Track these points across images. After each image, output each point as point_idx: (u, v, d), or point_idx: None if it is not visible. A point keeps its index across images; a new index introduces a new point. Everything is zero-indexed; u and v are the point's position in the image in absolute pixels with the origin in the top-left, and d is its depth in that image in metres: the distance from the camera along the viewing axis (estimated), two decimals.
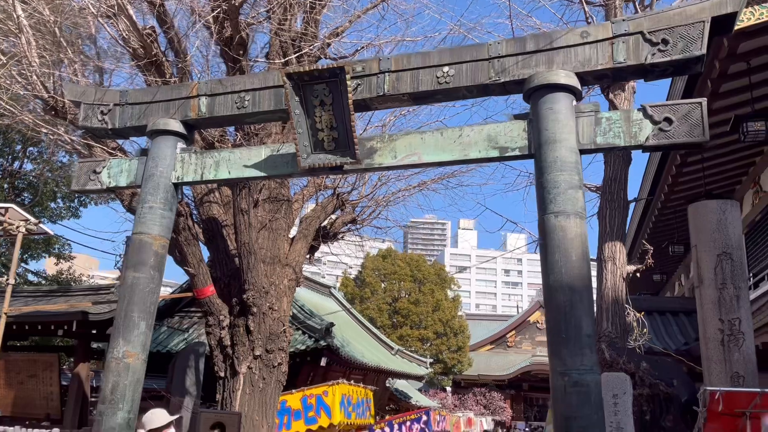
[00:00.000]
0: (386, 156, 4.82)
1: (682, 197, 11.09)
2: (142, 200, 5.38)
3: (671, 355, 7.72)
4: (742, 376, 5.05)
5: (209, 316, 8.06)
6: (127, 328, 5.07)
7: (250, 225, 7.73)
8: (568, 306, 3.97)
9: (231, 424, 7.11)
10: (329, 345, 13.21)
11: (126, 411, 4.97)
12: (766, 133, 7.28)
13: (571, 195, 4.18)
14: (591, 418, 3.80)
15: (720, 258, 5.30)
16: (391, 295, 35.49)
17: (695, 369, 8.21)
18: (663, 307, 12.44)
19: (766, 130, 7.28)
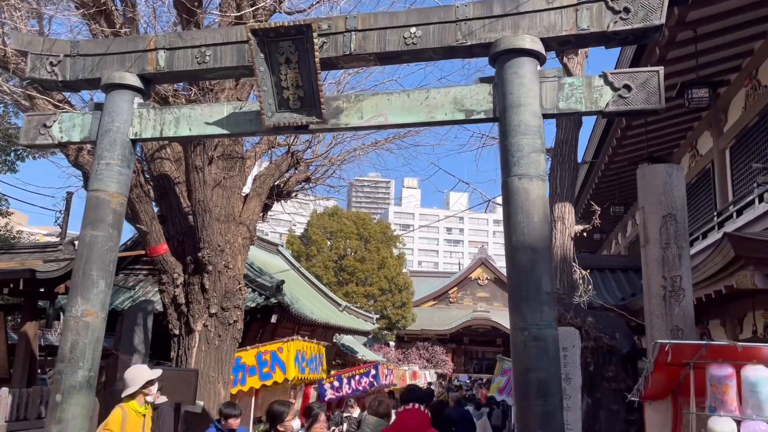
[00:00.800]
0: (353, 116, 4.83)
1: (625, 159, 11.52)
2: (98, 156, 5.23)
3: (613, 310, 8.14)
4: (681, 329, 5.39)
5: (163, 275, 7.98)
6: (86, 287, 4.99)
7: (205, 182, 7.63)
8: (529, 265, 4.14)
9: (188, 380, 7.14)
10: (280, 302, 13.28)
11: (86, 369, 4.92)
12: (709, 99, 7.63)
13: (534, 158, 4.31)
14: (549, 370, 4.02)
15: (665, 219, 5.57)
16: (337, 253, 35.65)
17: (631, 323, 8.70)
18: (602, 265, 13.01)
19: (710, 97, 7.64)
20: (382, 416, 6.09)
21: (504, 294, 42.59)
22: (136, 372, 5.73)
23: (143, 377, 5.62)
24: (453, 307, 41.71)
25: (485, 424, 14.86)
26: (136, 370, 5.83)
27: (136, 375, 5.66)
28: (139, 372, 5.73)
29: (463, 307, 41.34)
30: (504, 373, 8.75)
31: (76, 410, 4.83)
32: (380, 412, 6.10)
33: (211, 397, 7.66)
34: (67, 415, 4.80)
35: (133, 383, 5.57)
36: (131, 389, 5.54)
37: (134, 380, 5.60)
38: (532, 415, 3.96)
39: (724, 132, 9.33)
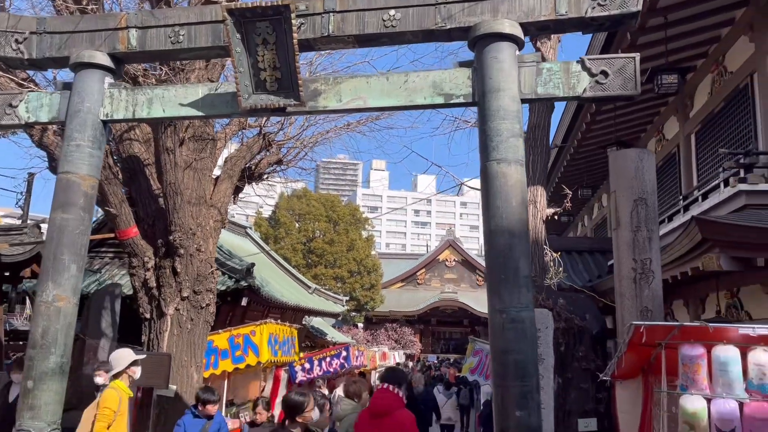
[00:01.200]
0: (331, 99, 4.79)
1: (593, 143, 11.70)
2: (68, 137, 5.10)
3: (583, 291, 8.31)
4: (650, 310, 5.53)
5: (133, 258, 7.85)
6: (57, 271, 4.89)
7: (176, 164, 7.50)
8: (507, 249, 4.20)
9: (161, 364, 7.07)
10: (250, 285, 13.18)
11: (59, 355, 4.84)
12: (678, 85, 7.78)
13: (513, 143, 4.35)
14: (526, 351, 4.10)
15: (636, 203, 5.68)
16: (306, 235, 35.54)
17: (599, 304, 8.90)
18: (570, 247, 13.22)
19: (678, 83, 7.78)
20: (352, 397, 6.20)
21: (471, 275, 43.10)
22: (121, 353, 6.00)
23: (128, 358, 5.91)
24: (421, 288, 42.05)
25: (454, 404, 15.12)
26: (121, 351, 6.08)
27: (121, 356, 5.94)
28: (124, 353, 6.01)
29: (430, 289, 41.71)
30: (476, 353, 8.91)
31: (48, 396, 4.76)
32: (350, 392, 6.23)
33: (184, 381, 7.60)
34: (40, 402, 4.73)
35: (119, 364, 5.86)
36: (116, 369, 5.83)
37: (119, 361, 5.88)
38: (510, 395, 4.03)
39: (690, 117, 9.54)
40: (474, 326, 41.29)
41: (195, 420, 5.85)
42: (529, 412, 4.01)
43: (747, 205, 6.38)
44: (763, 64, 7.09)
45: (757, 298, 7.09)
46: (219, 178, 8.86)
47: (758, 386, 3.46)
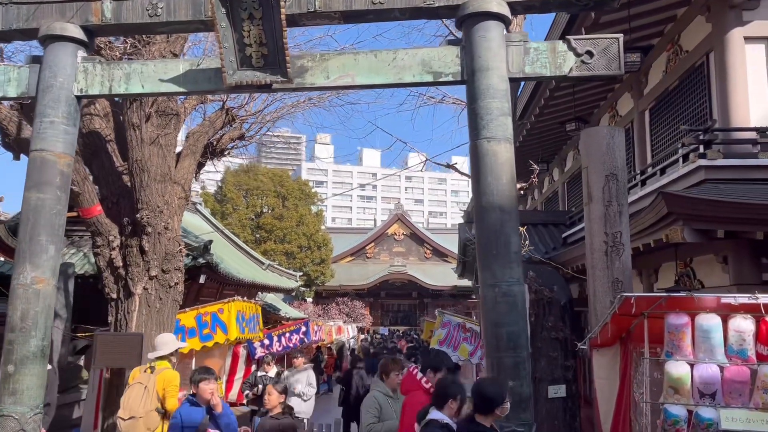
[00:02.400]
0: (318, 76, 4.76)
1: (549, 120, 11.96)
2: (40, 114, 4.90)
3: (550, 263, 8.59)
4: (620, 281, 5.78)
5: (97, 237, 7.64)
6: (35, 253, 4.74)
7: (142, 140, 7.31)
8: (498, 225, 4.32)
9: (132, 345, 6.96)
10: (209, 262, 12.99)
11: (39, 339, 4.72)
12: (640, 63, 8.03)
13: (502, 121, 4.44)
14: (518, 323, 4.26)
15: (608, 178, 5.89)
16: (254, 211, 35.14)
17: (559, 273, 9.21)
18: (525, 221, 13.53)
19: (641, 61, 8.04)
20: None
21: (419, 248, 43.66)
22: (167, 338, 6.43)
23: (173, 344, 6.32)
24: (370, 262, 42.35)
25: None
26: (166, 336, 6.51)
27: (167, 340, 6.36)
28: (169, 338, 6.45)
29: (379, 262, 42.07)
30: (444, 325, 9.13)
31: (30, 381, 4.65)
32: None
33: None
34: (21, 386, 4.62)
35: (165, 347, 6.23)
36: (161, 352, 6.17)
37: (166, 345, 6.27)
38: (504, 366, 4.19)
39: (644, 94, 9.87)
40: (423, 298, 42.00)
41: (193, 408, 5.04)
42: (522, 382, 4.19)
43: (706, 180, 6.70)
44: (720, 44, 7.41)
45: (710, 267, 7.50)
46: (181, 153, 8.68)
47: (738, 351, 3.72)
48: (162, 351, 6.17)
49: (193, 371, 5.45)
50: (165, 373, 5.94)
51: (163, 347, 6.22)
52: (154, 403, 5.74)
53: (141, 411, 5.70)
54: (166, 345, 6.25)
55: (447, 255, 42.36)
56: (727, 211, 5.78)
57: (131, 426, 5.71)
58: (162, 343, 6.29)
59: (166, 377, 5.89)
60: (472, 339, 9.14)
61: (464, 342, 9.11)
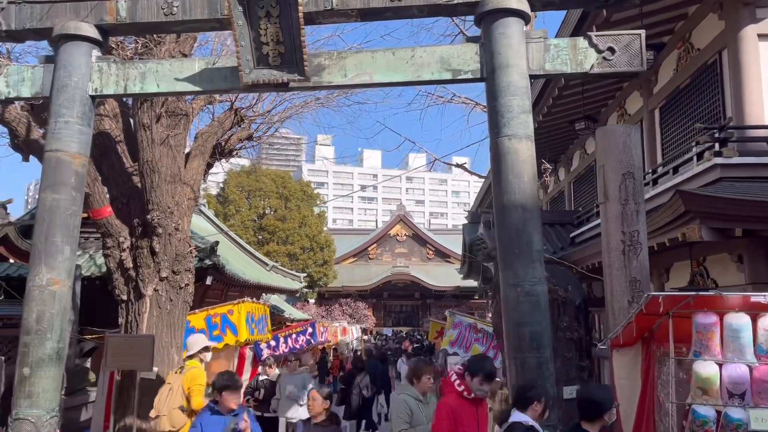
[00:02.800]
0: (335, 74, 4.72)
1: (558, 118, 11.90)
2: (55, 114, 4.86)
3: (562, 263, 8.53)
4: (638, 280, 5.73)
5: (107, 238, 7.59)
6: (50, 254, 4.69)
7: (153, 141, 7.27)
8: (521, 224, 4.27)
9: (144, 346, 6.91)
10: (215, 264, 12.98)
11: (55, 341, 4.67)
12: (653, 61, 8.01)
13: (524, 119, 4.40)
14: (541, 323, 4.21)
15: (624, 177, 5.84)
16: (257, 212, 35.10)
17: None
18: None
19: (654, 59, 8.01)
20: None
21: (421, 249, 43.60)
22: (196, 338, 6.97)
23: (201, 343, 6.76)
24: (372, 263, 42.30)
25: None
26: (196, 336, 7.08)
27: (197, 339, 6.87)
28: (199, 338, 6.96)
29: (382, 263, 42.02)
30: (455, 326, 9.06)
31: (46, 383, 4.61)
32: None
33: (165, 362, 7.45)
34: (37, 389, 4.58)
35: (193, 347, 6.67)
36: (191, 351, 6.62)
37: (194, 345, 6.71)
38: (527, 366, 4.14)
39: (654, 93, 9.82)
40: (425, 299, 41.95)
41: (214, 417, 4.74)
42: (545, 382, 4.13)
43: (722, 178, 6.65)
44: (733, 42, 7.36)
45: (724, 266, 7.45)
46: (190, 154, 8.63)
47: (767, 351, 3.67)
48: (191, 350, 6.58)
49: (217, 376, 5.08)
50: (191, 371, 6.23)
51: (192, 347, 6.63)
52: (177, 401, 5.99)
53: (165, 409, 5.97)
54: (195, 344, 6.67)
55: (449, 256, 42.31)
56: (747, 210, 5.73)
57: (157, 424, 6.05)
58: (191, 342, 6.75)
59: (192, 375, 6.17)
60: (483, 340, 9.08)
61: (476, 343, 9.05)
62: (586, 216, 12.43)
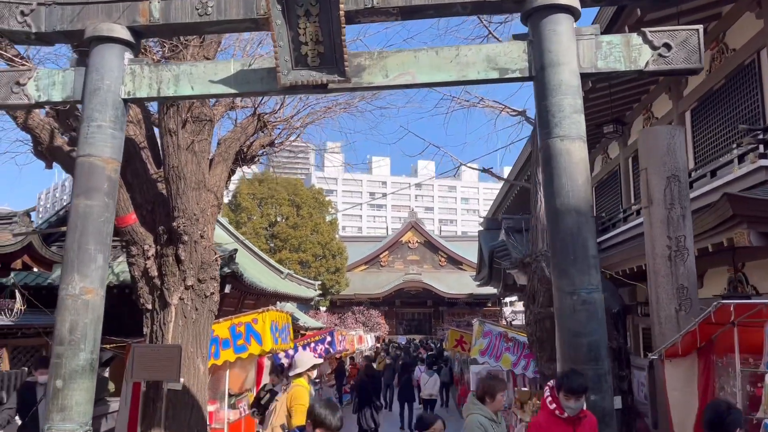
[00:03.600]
0: (376, 75, 4.56)
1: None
2: (87, 118, 4.72)
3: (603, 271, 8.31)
4: (686, 287, 5.54)
5: (131, 246, 7.43)
6: (83, 262, 4.54)
7: (179, 147, 7.12)
8: (575, 228, 4.08)
9: (171, 357, 6.74)
10: (234, 272, 12.84)
11: (89, 352, 4.51)
12: None
13: (576, 119, 4.22)
14: (598, 332, 4.01)
15: (669, 180, 5.66)
16: (268, 220, 34.99)
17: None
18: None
19: None
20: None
21: (434, 256, 43.32)
22: (304, 356, 7.17)
23: (310, 362, 6.95)
24: (384, 270, 42.07)
25: (436, 381, 15.85)
26: (304, 355, 7.39)
27: (304, 359, 7.03)
28: (307, 356, 7.21)
29: (394, 271, 41.78)
30: (485, 335, 8.84)
31: (80, 396, 4.44)
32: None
33: (191, 373, 7.28)
34: (71, 402, 4.41)
35: (302, 365, 6.85)
36: (299, 370, 6.80)
37: (303, 363, 6.89)
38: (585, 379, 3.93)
39: (685, 95, 9.63)
40: (438, 306, 41.68)
41: None
42: (604, 396, 3.94)
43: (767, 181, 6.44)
44: None
45: (766, 272, 7.22)
46: (213, 160, 8.48)
47: None
48: (301, 368, 6.79)
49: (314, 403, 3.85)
50: (294, 390, 6.54)
51: (301, 364, 6.84)
52: (280, 419, 6.35)
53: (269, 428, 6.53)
54: (304, 362, 6.90)
55: (462, 263, 42.04)
56: None
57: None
58: (301, 360, 6.96)
59: (294, 394, 6.45)
60: (514, 349, 8.86)
61: (506, 352, 8.84)
62: (612, 222, 12.23)
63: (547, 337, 6.88)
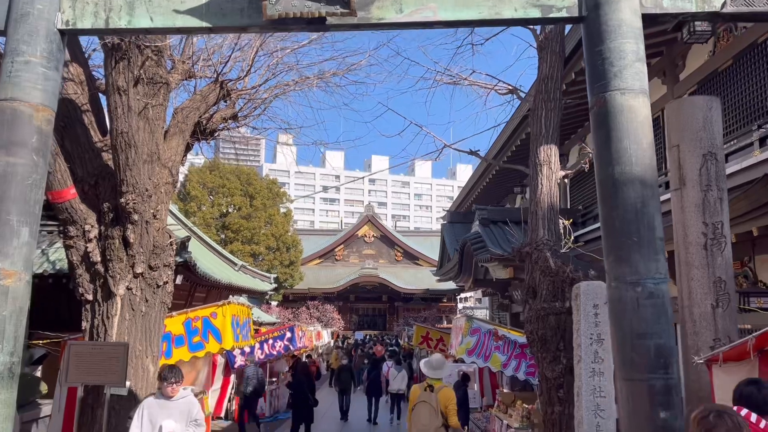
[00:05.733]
0: (388, 9, 3.65)
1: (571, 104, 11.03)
2: (12, 51, 3.66)
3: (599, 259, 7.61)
4: (724, 280, 4.84)
5: (70, 226, 6.32)
6: (3, 237, 3.49)
7: (130, 109, 6.04)
8: (639, 203, 3.28)
9: (115, 357, 5.69)
10: (186, 261, 11.69)
11: (8, 353, 3.47)
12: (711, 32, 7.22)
13: (639, 69, 3.41)
14: (668, 332, 3.22)
15: (705, 158, 4.94)
16: (220, 210, 33.51)
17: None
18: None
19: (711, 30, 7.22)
20: None
21: (390, 251, 42.52)
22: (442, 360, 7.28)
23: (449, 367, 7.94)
24: (339, 264, 41.10)
25: (404, 376, 15.98)
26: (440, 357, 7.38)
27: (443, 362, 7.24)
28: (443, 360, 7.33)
29: (349, 265, 40.85)
30: (473, 332, 8.04)
31: None
32: None
33: (138, 375, 6.23)
34: None
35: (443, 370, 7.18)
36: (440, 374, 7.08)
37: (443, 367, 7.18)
38: (652, 391, 3.13)
39: (681, 79, 9.06)
40: (393, 302, 40.97)
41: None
42: (675, 413, 3.14)
43: None
44: None
45: None
46: (168, 132, 7.40)
47: None
48: (440, 374, 7.04)
49: None
50: (445, 391, 6.82)
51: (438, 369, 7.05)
52: (440, 419, 6.55)
53: (431, 428, 6.48)
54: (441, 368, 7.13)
55: (418, 258, 41.42)
56: None
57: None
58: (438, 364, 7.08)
59: (448, 396, 6.74)
60: (505, 348, 8.09)
61: (496, 351, 8.06)
62: (593, 215, 11.63)
63: (552, 335, 6.12)
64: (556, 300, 6.15)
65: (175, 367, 5.82)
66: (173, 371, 5.69)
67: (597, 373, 4.89)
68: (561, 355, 6.03)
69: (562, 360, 6.01)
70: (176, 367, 5.81)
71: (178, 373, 5.73)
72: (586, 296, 4.97)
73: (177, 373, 5.70)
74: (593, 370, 4.86)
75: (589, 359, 4.87)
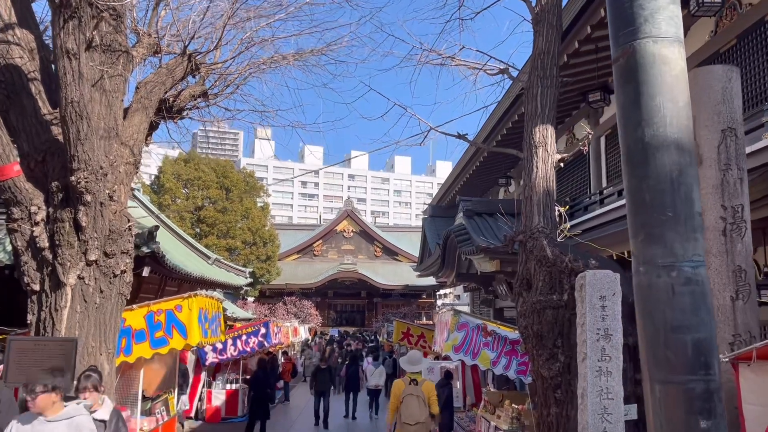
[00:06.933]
0: None
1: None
2: None
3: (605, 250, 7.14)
4: (744, 270, 4.38)
5: (13, 207, 5.66)
6: None
7: (81, 75, 5.37)
8: (676, 171, 2.74)
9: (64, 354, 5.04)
10: (154, 252, 11.03)
11: None
12: (720, 4, 6.78)
13: (674, 12, 2.88)
14: (709, 325, 2.70)
15: (725, 134, 4.49)
16: (195, 203, 32.66)
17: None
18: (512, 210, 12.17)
19: (722, 2, 6.77)
20: None
21: (369, 246, 41.94)
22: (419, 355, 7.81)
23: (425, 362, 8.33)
24: (317, 260, 40.48)
25: (382, 372, 16.01)
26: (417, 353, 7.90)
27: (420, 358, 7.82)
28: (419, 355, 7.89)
29: (328, 260, 40.26)
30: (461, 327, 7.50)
31: None
32: None
33: None
34: None
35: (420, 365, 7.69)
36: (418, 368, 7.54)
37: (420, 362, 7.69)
38: (690, 395, 2.61)
39: None
40: (372, 298, 40.46)
41: None
42: (719, 422, 2.62)
43: None
44: None
45: None
46: (130, 108, 6.76)
47: None
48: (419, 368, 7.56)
49: None
50: (427, 383, 7.42)
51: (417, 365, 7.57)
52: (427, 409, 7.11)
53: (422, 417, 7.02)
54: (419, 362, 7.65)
55: (397, 254, 40.92)
56: None
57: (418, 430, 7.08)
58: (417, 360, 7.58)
59: (430, 388, 7.35)
60: (494, 344, 7.54)
61: (485, 348, 7.50)
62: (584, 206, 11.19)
63: (548, 331, 5.60)
64: (554, 292, 5.63)
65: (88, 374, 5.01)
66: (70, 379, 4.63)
67: (604, 373, 4.37)
68: (558, 352, 5.52)
69: (559, 358, 5.50)
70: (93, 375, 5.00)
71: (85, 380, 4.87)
72: (592, 287, 4.45)
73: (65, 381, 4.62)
74: (600, 369, 4.35)
75: (596, 357, 4.36)
